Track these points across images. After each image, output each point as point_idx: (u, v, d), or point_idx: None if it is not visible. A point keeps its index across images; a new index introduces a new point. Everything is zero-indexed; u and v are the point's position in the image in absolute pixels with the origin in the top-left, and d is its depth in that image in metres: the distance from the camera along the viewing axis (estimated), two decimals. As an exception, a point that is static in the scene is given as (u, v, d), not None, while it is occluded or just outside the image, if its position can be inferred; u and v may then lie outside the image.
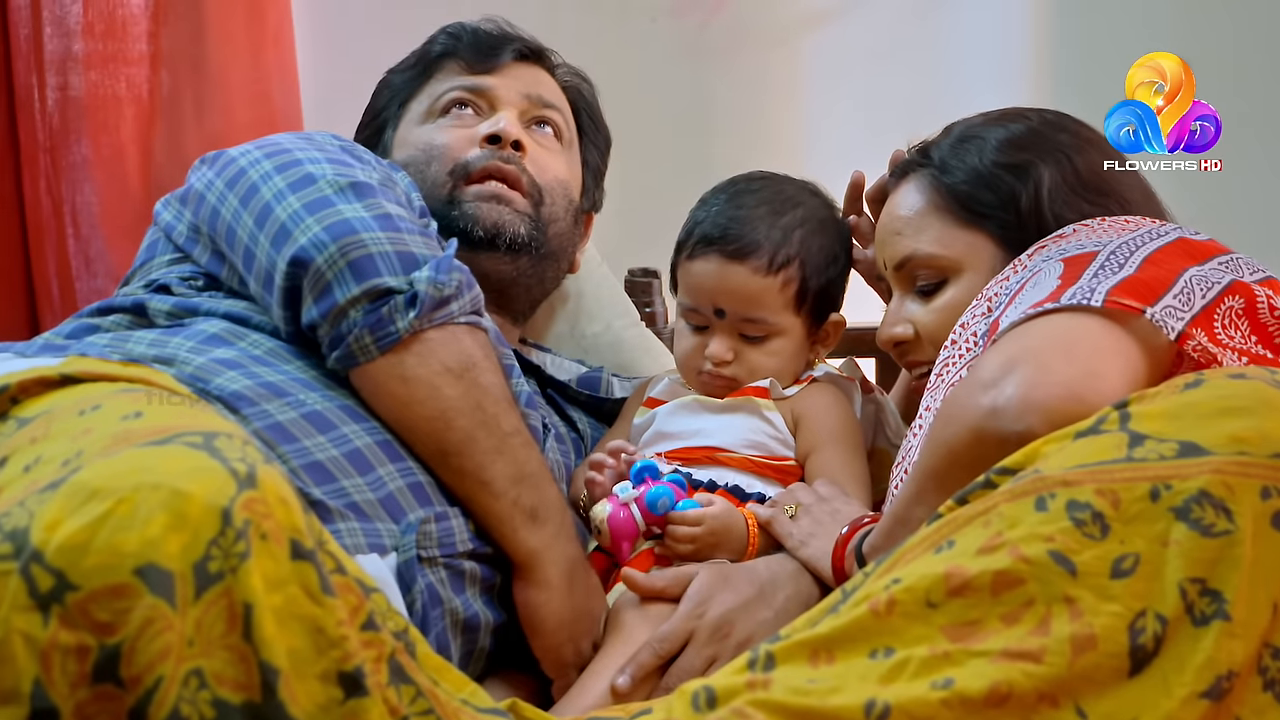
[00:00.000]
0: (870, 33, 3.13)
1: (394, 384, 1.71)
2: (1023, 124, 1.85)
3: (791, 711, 1.26)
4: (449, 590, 1.70)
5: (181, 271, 1.88)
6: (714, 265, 1.91)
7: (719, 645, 1.73)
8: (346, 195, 1.77)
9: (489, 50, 2.15)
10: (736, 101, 3.13)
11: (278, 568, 1.18)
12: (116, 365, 1.53)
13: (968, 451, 1.47)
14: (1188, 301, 1.53)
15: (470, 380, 1.72)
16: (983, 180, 1.80)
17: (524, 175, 2.07)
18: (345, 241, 1.71)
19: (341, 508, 1.62)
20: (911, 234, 1.84)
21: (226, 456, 1.20)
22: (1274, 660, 1.24)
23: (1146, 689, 1.23)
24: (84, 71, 2.81)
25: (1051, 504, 1.29)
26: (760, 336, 1.93)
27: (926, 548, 1.34)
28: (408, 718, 1.25)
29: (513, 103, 2.13)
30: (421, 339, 1.70)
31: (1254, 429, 1.27)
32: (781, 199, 1.96)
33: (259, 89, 2.89)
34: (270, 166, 1.82)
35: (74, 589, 1.11)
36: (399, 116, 2.17)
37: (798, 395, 1.96)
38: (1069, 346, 1.48)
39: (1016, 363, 1.46)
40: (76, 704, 1.11)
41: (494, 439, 1.73)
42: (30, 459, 1.30)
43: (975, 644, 1.26)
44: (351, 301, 1.69)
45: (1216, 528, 1.24)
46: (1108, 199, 1.79)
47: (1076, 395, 1.42)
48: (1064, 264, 1.59)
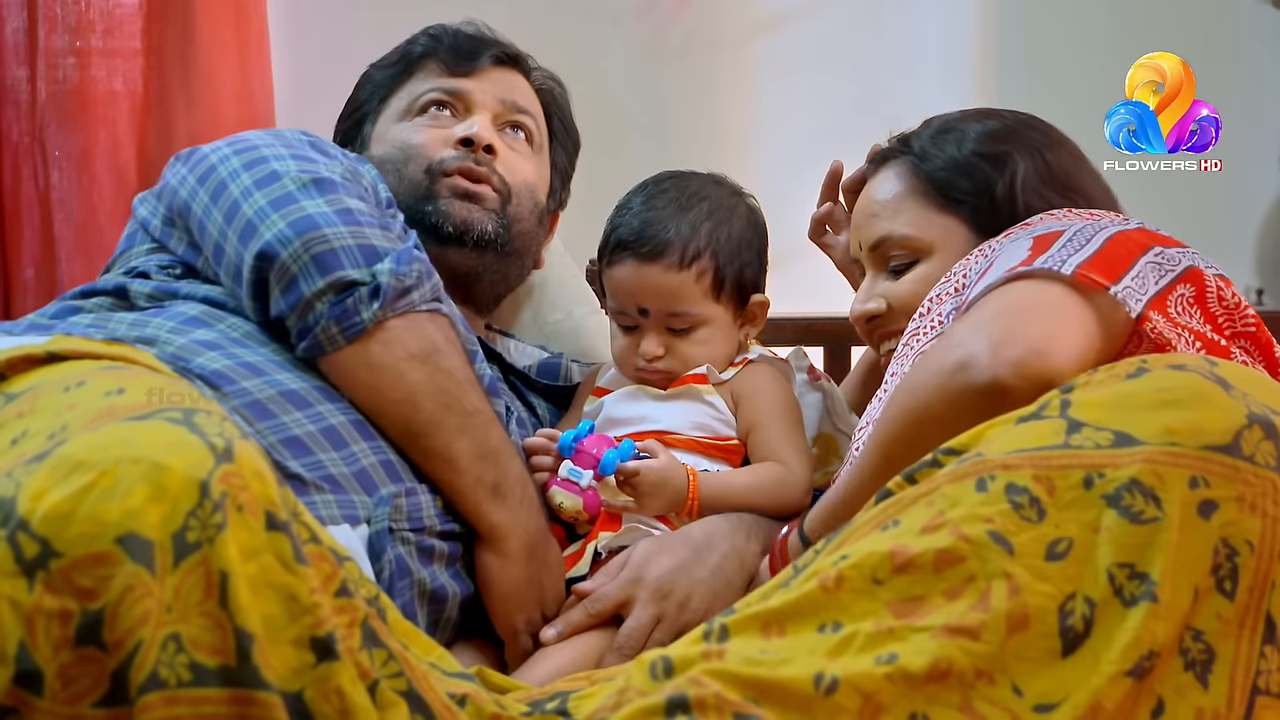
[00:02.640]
0: (822, 37, 3.14)
1: (361, 371, 1.71)
2: (999, 121, 1.86)
3: (745, 681, 1.26)
4: (416, 562, 1.69)
5: (160, 260, 1.87)
6: (631, 268, 1.92)
7: (661, 605, 1.73)
8: (309, 191, 1.76)
9: (468, 54, 2.14)
10: (693, 101, 3.14)
11: (253, 538, 1.18)
12: (100, 344, 1.53)
13: (940, 408, 1.46)
14: (1143, 284, 1.53)
15: (434, 365, 1.72)
16: (960, 168, 1.82)
17: (494, 175, 2.07)
18: (309, 236, 1.70)
19: (317, 480, 1.62)
20: (888, 216, 1.84)
21: (205, 431, 1.20)
22: (1195, 642, 1.24)
23: (1079, 667, 1.23)
24: (79, 66, 2.81)
25: (991, 486, 1.30)
26: (687, 328, 1.93)
27: (873, 526, 1.34)
28: (379, 680, 1.25)
29: (488, 106, 2.12)
30: (385, 328, 1.70)
31: (1186, 421, 1.27)
32: (688, 195, 1.96)
33: (244, 87, 2.89)
34: (239, 164, 1.81)
35: (58, 556, 1.11)
36: (378, 111, 2.16)
37: (736, 377, 1.95)
38: (1035, 307, 1.48)
39: (985, 322, 1.46)
40: (60, 666, 1.11)
41: (458, 419, 1.73)
42: (17, 433, 1.30)
43: (918, 620, 1.26)
44: (317, 294, 1.69)
45: (1145, 515, 1.24)
46: (1074, 194, 1.80)
47: (1040, 351, 1.42)
48: (1033, 240, 1.59)
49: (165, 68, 2.87)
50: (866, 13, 3.16)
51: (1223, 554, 1.25)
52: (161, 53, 2.87)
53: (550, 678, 1.61)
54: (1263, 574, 1.25)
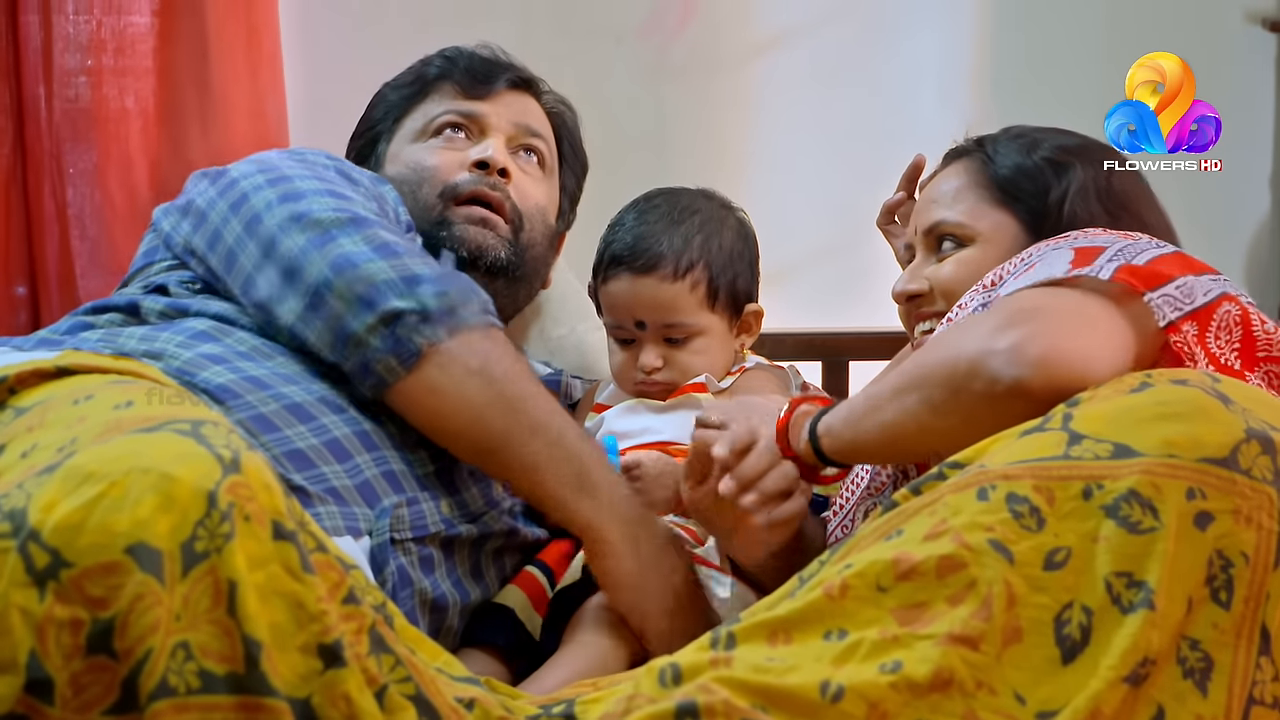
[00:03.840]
0: (820, 56, 3.14)
1: (424, 396, 1.70)
2: (1076, 139, 1.87)
3: (752, 688, 1.25)
4: (419, 571, 1.68)
5: (180, 276, 1.86)
6: (626, 283, 1.93)
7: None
8: (347, 229, 1.75)
9: (483, 77, 2.13)
10: (694, 119, 3.14)
11: (260, 547, 1.17)
12: (108, 359, 1.54)
13: (959, 376, 1.44)
14: (1189, 295, 1.52)
15: (491, 376, 1.71)
16: (1024, 171, 1.82)
17: (507, 201, 2.05)
18: (349, 275, 1.70)
19: (321, 492, 1.61)
20: (946, 204, 1.85)
21: (212, 443, 1.20)
22: (1192, 651, 1.24)
23: (1079, 674, 1.22)
24: (93, 85, 2.81)
25: (993, 495, 1.29)
26: (683, 339, 1.94)
27: (877, 536, 1.34)
28: (386, 685, 1.24)
29: (502, 129, 2.11)
30: (439, 350, 1.69)
31: (1185, 434, 1.26)
32: (679, 209, 1.97)
33: (256, 105, 2.89)
34: (273, 196, 1.80)
35: (69, 566, 1.11)
36: (392, 131, 2.15)
37: (734, 385, 1.96)
38: (1071, 315, 1.47)
39: (1019, 320, 1.45)
40: (71, 674, 1.11)
41: (527, 425, 1.71)
42: (27, 446, 1.30)
43: (922, 627, 1.26)
44: (369, 329, 1.68)
45: (1143, 525, 1.24)
46: (1126, 214, 1.79)
47: (1068, 361, 1.40)
48: (1074, 251, 1.58)
49: (177, 87, 2.87)
50: (864, 31, 3.17)
51: (1217, 565, 1.24)
52: (173, 72, 2.87)
53: (557, 687, 1.59)
54: (1258, 585, 1.25)
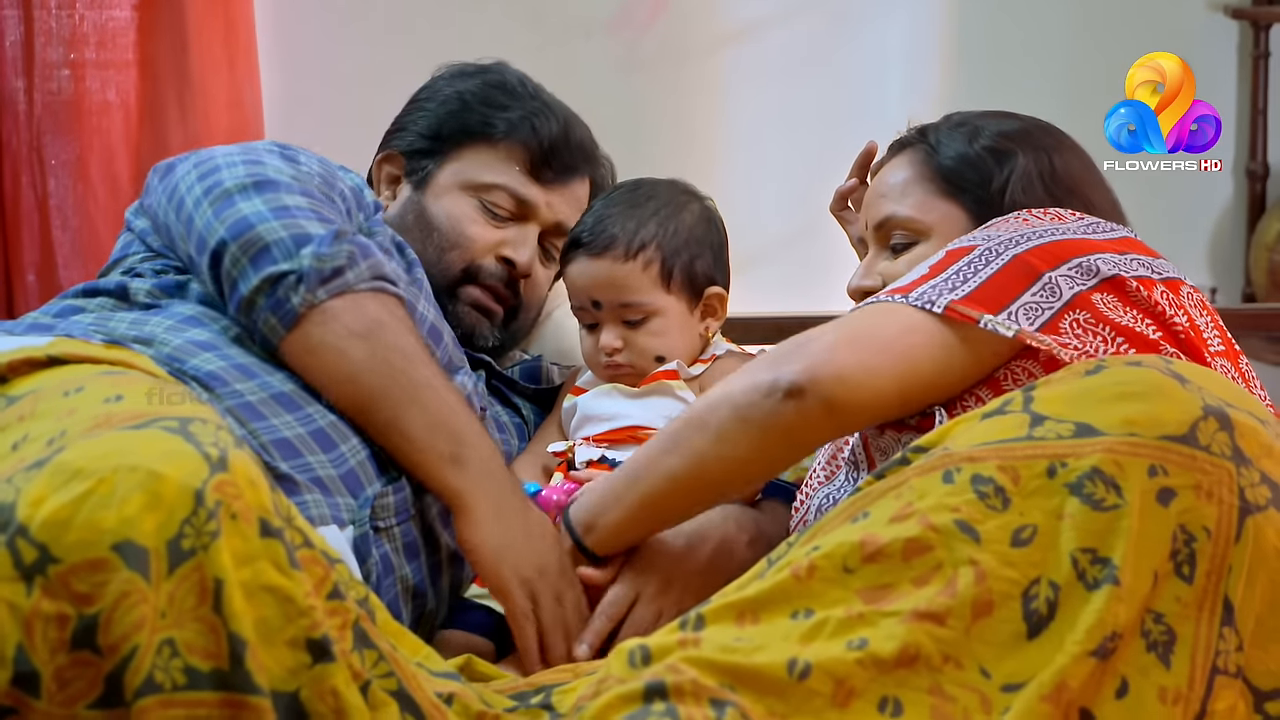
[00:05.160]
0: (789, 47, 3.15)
1: (304, 356, 1.70)
2: (1016, 122, 1.85)
3: (720, 667, 1.24)
4: (401, 558, 1.68)
5: (155, 265, 1.85)
6: (582, 264, 1.92)
7: (662, 600, 1.70)
8: (248, 193, 1.75)
9: (558, 166, 2.07)
10: (665, 110, 3.14)
11: (247, 545, 1.17)
12: (99, 347, 1.53)
13: (743, 396, 1.53)
14: (1051, 296, 1.54)
15: (376, 340, 1.70)
16: (967, 160, 1.80)
17: (516, 298, 2.07)
18: (245, 239, 1.71)
19: (307, 481, 1.60)
20: (895, 198, 1.83)
21: (200, 441, 1.19)
22: (1156, 624, 1.24)
23: (1044, 649, 1.22)
24: (75, 78, 2.80)
25: (958, 477, 1.29)
26: (640, 320, 1.92)
27: (844, 519, 1.34)
28: (370, 681, 1.24)
29: (544, 222, 2.07)
30: (322, 310, 1.69)
31: (1145, 413, 1.26)
32: (640, 195, 1.96)
33: (234, 96, 2.88)
34: (194, 177, 1.81)
35: (56, 562, 1.11)
36: (447, 156, 2.08)
37: (705, 373, 1.95)
38: (866, 335, 1.54)
39: (803, 338, 1.54)
40: (56, 668, 1.11)
41: (406, 392, 1.69)
42: (18, 437, 1.30)
43: (887, 605, 1.25)
44: (255, 291, 1.69)
45: (1107, 502, 1.24)
46: (1072, 198, 1.77)
47: (841, 369, 1.49)
48: (945, 253, 1.61)
49: (158, 79, 2.87)
50: (831, 22, 3.17)
51: (1180, 539, 1.24)
52: (154, 64, 2.87)
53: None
54: (1219, 559, 1.25)
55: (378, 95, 2.35)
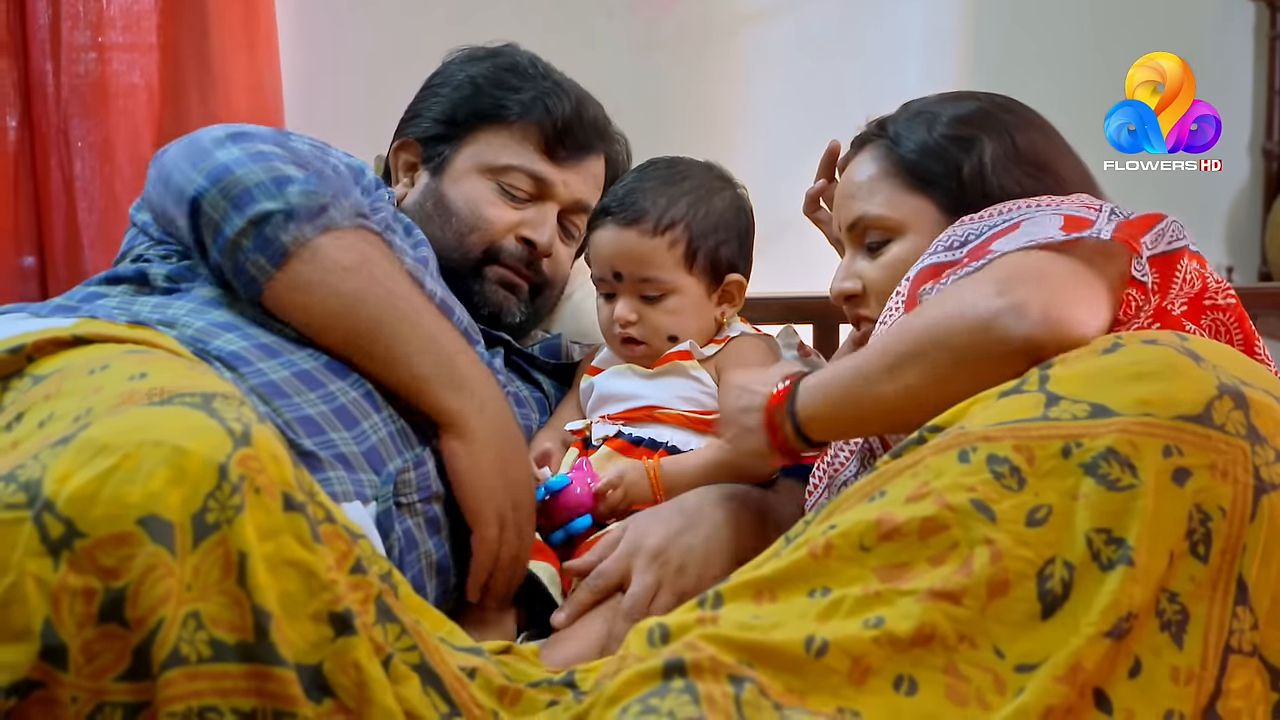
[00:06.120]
0: (808, 28, 3.15)
1: (294, 294, 1.69)
2: (973, 103, 1.83)
3: (738, 645, 1.25)
4: (424, 533, 1.68)
5: (160, 251, 1.85)
6: (609, 233, 1.92)
7: (660, 571, 1.70)
8: (225, 144, 1.75)
9: (572, 144, 2.08)
10: (684, 90, 3.14)
11: (270, 519, 1.18)
12: (124, 327, 1.54)
13: (963, 336, 1.42)
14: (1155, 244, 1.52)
15: (366, 273, 1.70)
16: (930, 151, 1.79)
17: (539, 276, 2.07)
18: (224, 182, 1.70)
19: (331, 458, 1.60)
20: (864, 197, 1.82)
21: (224, 416, 1.20)
22: (1170, 604, 1.24)
23: (1059, 629, 1.22)
24: (101, 60, 2.81)
25: (974, 457, 1.29)
26: (657, 295, 1.92)
27: (860, 497, 1.34)
28: (392, 654, 1.25)
29: (562, 201, 2.08)
30: (310, 247, 1.69)
31: (1159, 393, 1.26)
32: (675, 173, 1.96)
33: (254, 79, 2.88)
34: (177, 149, 1.81)
35: (82, 536, 1.11)
36: (463, 140, 2.08)
37: (720, 353, 1.95)
38: (1067, 277, 1.45)
39: (1020, 280, 1.42)
40: (84, 642, 1.11)
41: (398, 318, 1.70)
42: (44, 415, 1.30)
43: (904, 584, 1.26)
44: (240, 233, 1.68)
45: (1122, 482, 1.24)
46: (1045, 173, 1.76)
47: (1071, 320, 1.38)
48: (1064, 218, 1.56)
49: (180, 62, 2.88)
50: (850, 3, 3.16)
51: (1196, 519, 1.24)
52: (177, 48, 2.88)
53: (567, 661, 1.58)
54: (1234, 538, 1.25)
55: (396, 77, 2.35)
